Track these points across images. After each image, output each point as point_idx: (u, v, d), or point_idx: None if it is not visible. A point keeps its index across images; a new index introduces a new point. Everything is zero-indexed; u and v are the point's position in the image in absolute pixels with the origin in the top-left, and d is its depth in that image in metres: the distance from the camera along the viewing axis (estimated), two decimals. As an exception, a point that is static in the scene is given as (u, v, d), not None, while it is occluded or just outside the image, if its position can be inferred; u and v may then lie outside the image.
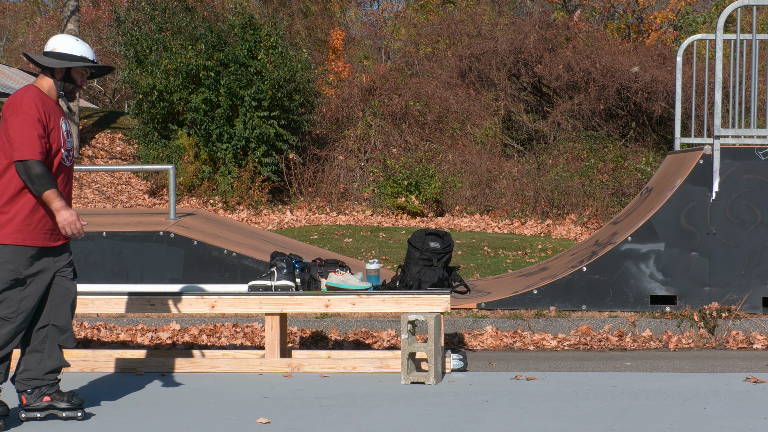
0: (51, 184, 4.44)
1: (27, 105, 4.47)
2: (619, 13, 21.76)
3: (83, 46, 4.73)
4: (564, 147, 16.30)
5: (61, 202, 4.46)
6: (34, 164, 4.42)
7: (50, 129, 4.53)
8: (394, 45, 22.53)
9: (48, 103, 4.59)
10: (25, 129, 4.43)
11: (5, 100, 15.16)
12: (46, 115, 4.52)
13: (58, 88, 4.66)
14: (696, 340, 7.23)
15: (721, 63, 7.62)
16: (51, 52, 4.69)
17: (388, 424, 4.52)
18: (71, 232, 4.48)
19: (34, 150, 4.42)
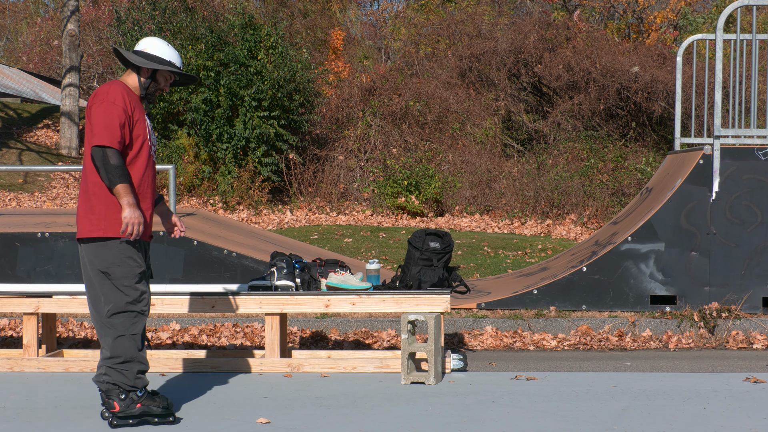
0: (126, 179, 4.41)
1: (113, 95, 4.49)
2: (619, 13, 21.75)
3: (173, 52, 4.77)
4: (564, 147, 16.30)
5: (133, 198, 4.42)
6: (113, 153, 4.41)
7: (136, 120, 4.54)
8: (394, 45, 22.52)
9: (133, 97, 4.61)
10: (107, 116, 4.43)
11: (6, 99, 15.08)
12: (131, 106, 4.54)
13: (142, 88, 4.69)
14: (696, 340, 7.23)
15: (721, 63, 7.62)
16: (141, 51, 4.72)
17: (388, 424, 4.52)
18: (132, 230, 4.42)
19: (113, 137, 4.41)
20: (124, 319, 4.47)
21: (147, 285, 4.58)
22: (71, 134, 17.44)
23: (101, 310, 4.50)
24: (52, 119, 19.30)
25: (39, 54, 32.60)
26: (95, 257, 4.50)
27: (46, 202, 14.78)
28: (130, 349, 4.48)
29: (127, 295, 4.48)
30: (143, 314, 4.53)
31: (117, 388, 4.48)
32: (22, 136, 18.02)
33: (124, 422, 4.47)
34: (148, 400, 4.50)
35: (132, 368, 4.48)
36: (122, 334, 4.46)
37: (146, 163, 4.59)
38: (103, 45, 25.98)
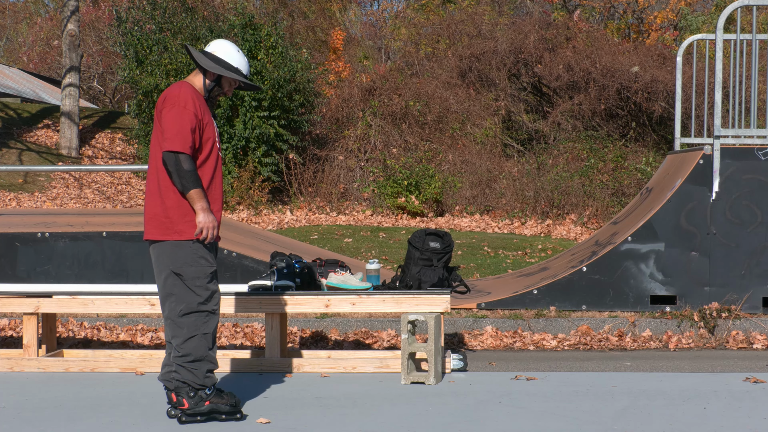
0: (198, 183, 4.46)
1: (184, 99, 4.51)
2: (619, 13, 21.76)
3: (242, 58, 4.79)
4: (564, 147, 16.30)
5: (206, 203, 4.48)
6: (186, 159, 4.45)
7: (205, 123, 4.58)
8: (394, 45, 22.52)
9: (201, 99, 4.63)
10: (179, 121, 4.46)
11: (6, 99, 15.06)
12: (201, 110, 4.57)
13: (205, 90, 4.72)
14: (696, 340, 7.23)
15: (721, 63, 7.62)
16: (210, 53, 4.74)
17: (388, 424, 4.52)
18: (207, 234, 4.49)
19: (185, 143, 4.45)
20: (195, 319, 4.53)
21: (217, 285, 4.63)
22: (71, 134, 17.44)
23: (173, 310, 4.55)
24: (52, 119, 19.30)
25: (39, 54, 32.60)
26: (167, 258, 4.55)
27: (46, 202, 14.78)
28: (200, 348, 4.53)
29: (198, 295, 4.53)
30: (214, 314, 4.58)
31: (187, 386, 4.54)
32: (22, 136, 18.02)
33: (192, 419, 4.54)
34: (217, 398, 4.57)
35: (202, 367, 4.53)
36: (194, 333, 4.52)
37: (215, 165, 4.64)
38: (103, 45, 25.98)
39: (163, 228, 4.52)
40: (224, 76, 4.72)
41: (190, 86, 4.61)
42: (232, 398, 4.60)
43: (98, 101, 29.72)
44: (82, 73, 21.86)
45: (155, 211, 4.54)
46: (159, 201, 4.53)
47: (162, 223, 4.52)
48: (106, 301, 6.01)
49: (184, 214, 4.50)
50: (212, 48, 4.75)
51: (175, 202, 4.50)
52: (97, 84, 28.37)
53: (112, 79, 26.45)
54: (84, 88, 27.40)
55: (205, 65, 4.67)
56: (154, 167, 4.57)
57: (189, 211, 4.51)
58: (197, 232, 4.48)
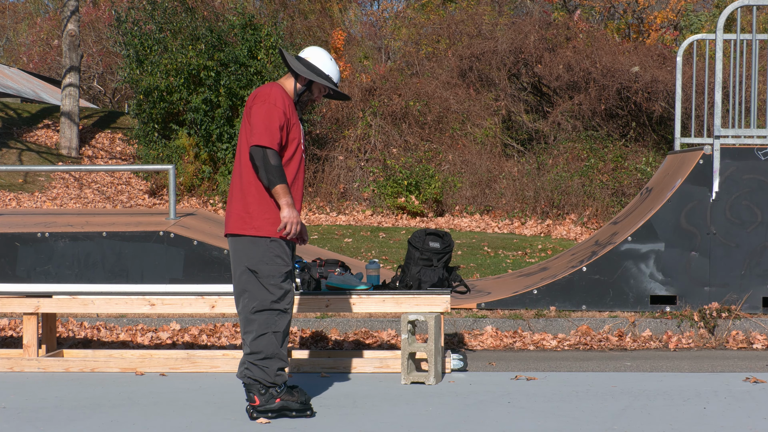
0: (284, 179, 4.51)
1: (273, 96, 4.59)
2: (619, 13, 21.76)
3: (334, 67, 4.84)
4: (564, 147, 16.30)
5: (290, 199, 4.52)
6: (272, 154, 4.50)
7: (292, 124, 4.64)
8: (394, 45, 22.52)
9: (290, 100, 4.70)
10: (268, 117, 4.53)
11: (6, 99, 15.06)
12: (289, 110, 4.64)
13: (296, 94, 4.79)
14: (696, 340, 7.23)
15: (721, 63, 7.62)
16: (303, 59, 4.80)
17: (388, 424, 4.52)
18: (290, 229, 4.53)
19: (273, 139, 4.51)
20: (267, 317, 4.58)
21: (291, 284, 4.67)
22: (71, 134, 17.44)
23: (246, 306, 4.61)
24: (52, 119, 19.30)
25: (39, 54, 32.61)
26: (244, 254, 4.60)
27: (46, 202, 14.78)
28: (271, 346, 4.58)
29: (272, 293, 4.59)
30: (286, 312, 4.63)
31: (258, 384, 4.60)
32: (22, 136, 18.02)
33: (263, 415, 4.60)
34: (287, 395, 4.62)
35: (273, 365, 4.59)
36: (264, 331, 4.58)
37: (298, 165, 4.70)
38: (103, 45, 25.98)
39: (242, 222, 4.59)
40: (315, 82, 4.78)
41: (280, 87, 4.70)
42: (302, 396, 4.67)
43: (98, 101, 29.72)
44: (82, 73, 21.86)
45: (236, 206, 4.63)
46: (240, 196, 4.61)
47: (241, 217, 4.59)
48: (106, 301, 6.01)
49: (264, 211, 4.57)
50: (306, 54, 4.83)
51: (256, 198, 4.57)
52: (97, 84, 28.37)
53: (112, 79, 26.45)
54: (84, 88, 27.40)
55: (298, 69, 4.75)
56: (239, 163, 4.65)
57: (269, 209, 4.57)
58: (281, 227, 4.51)
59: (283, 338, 4.63)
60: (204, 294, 5.98)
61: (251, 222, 4.57)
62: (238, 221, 4.60)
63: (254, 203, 4.57)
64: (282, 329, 4.61)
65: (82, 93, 26.93)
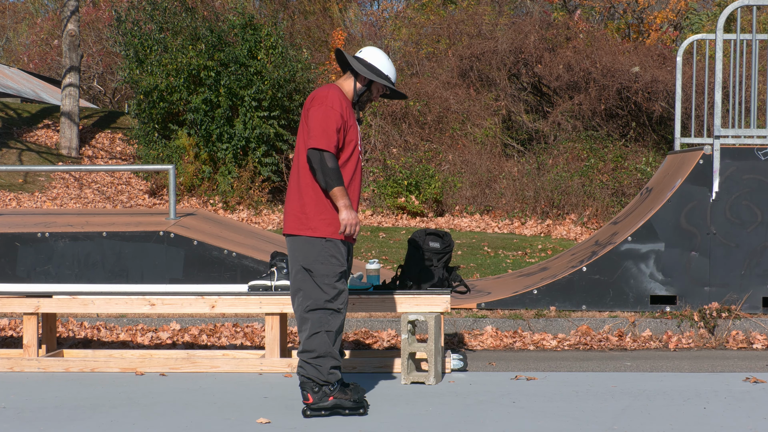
0: (341, 181, 4.57)
1: (332, 99, 4.64)
2: (619, 13, 21.76)
3: (391, 67, 4.90)
4: (564, 147, 16.30)
5: (348, 201, 4.58)
6: (330, 157, 4.56)
7: (349, 126, 4.70)
8: (394, 45, 22.52)
9: (347, 102, 4.74)
10: (325, 120, 4.58)
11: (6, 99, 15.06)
12: (347, 112, 4.68)
13: (356, 94, 4.83)
14: (696, 340, 7.23)
15: (721, 63, 7.62)
16: (361, 59, 4.84)
17: (388, 424, 4.52)
18: (350, 231, 4.60)
19: (330, 142, 4.56)
20: (320, 316, 4.64)
21: (346, 284, 4.72)
22: (71, 134, 17.44)
23: (301, 305, 4.68)
24: (52, 119, 19.30)
25: (39, 54, 32.61)
26: (300, 253, 4.67)
27: (46, 202, 14.78)
28: (324, 345, 4.63)
29: (326, 293, 4.64)
30: (339, 312, 4.68)
31: (311, 382, 4.65)
32: (22, 136, 18.02)
33: (317, 413, 4.66)
34: (340, 393, 4.67)
35: (326, 363, 4.64)
36: (318, 330, 4.63)
37: (355, 167, 4.74)
38: (103, 45, 25.98)
39: (299, 223, 4.65)
40: (375, 81, 4.83)
41: (338, 89, 4.75)
42: (355, 394, 4.71)
43: (98, 101, 29.72)
44: (82, 73, 21.86)
45: (293, 207, 4.69)
46: (297, 197, 4.67)
47: (298, 218, 4.66)
48: (106, 301, 6.01)
49: (320, 212, 4.62)
50: (364, 54, 4.87)
51: (313, 199, 4.63)
52: (97, 84, 28.37)
53: (112, 79, 26.45)
54: (84, 88, 27.40)
55: (359, 70, 4.80)
56: (297, 164, 4.70)
57: (325, 209, 4.62)
58: (341, 230, 4.56)
59: (336, 337, 4.67)
60: (204, 294, 5.98)
61: (308, 222, 4.64)
62: (295, 221, 4.67)
63: (311, 204, 4.64)
64: (335, 328, 4.66)
65: (82, 93, 26.92)
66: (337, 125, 4.58)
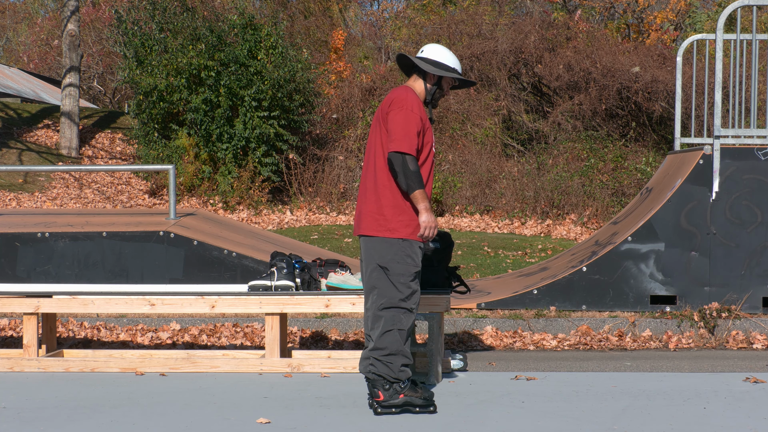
0: (422, 184, 4.64)
1: (411, 102, 4.70)
2: (619, 13, 21.76)
3: (455, 58, 4.94)
4: (564, 147, 16.30)
5: (428, 203, 4.66)
6: (411, 160, 4.61)
7: (426, 127, 4.75)
8: (394, 45, 22.52)
9: (422, 105, 4.80)
10: (406, 123, 4.63)
11: (6, 99, 15.07)
12: (424, 114, 4.74)
13: (428, 93, 4.88)
14: (696, 340, 7.23)
15: (721, 63, 7.62)
16: (426, 58, 4.88)
17: (388, 424, 4.52)
18: (428, 234, 4.67)
19: (411, 145, 4.62)
20: (393, 314, 4.70)
21: (419, 285, 4.77)
22: (71, 134, 17.44)
23: (375, 303, 4.74)
24: (52, 119, 19.30)
25: (39, 54, 32.61)
26: (376, 252, 4.72)
27: (46, 202, 14.78)
28: (396, 343, 4.69)
29: (400, 291, 4.70)
30: (412, 312, 4.74)
31: (382, 379, 4.70)
32: (22, 136, 18.02)
33: (387, 411, 4.69)
34: (411, 391, 4.71)
35: (397, 361, 4.68)
36: (390, 328, 4.69)
37: (431, 168, 4.80)
38: (103, 45, 25.98)
39: (377, 224, 4.71)
40: (444, 77, 4.88)
41: (413, 91, 4.80)
42: (426, 392, 4.74)
43: (98, 101, 29.72)
44: (82, 73, 21.86)
45: (370, 208, 4.74)
46: (374, 198, 4.72)
47: (376, 219, 4.71)
48: (106, 301, 6.01)
49: (398, 213, 4.68)
50: (427, 53, 4.90)
51: (390, 201, 4.69)
52: (97, 84, 28.37)
53: (112, 79, 26.45)
54: (84, 88, 27.40)
55: (428, 69, 4.83)
56: (373, 167, 4.75)
57: (403, 211, 4.69)
58: (421, 232, 4.66)
59: (407, 336, 4.73)
60: (204, 294, 5.98)
61: (386, 224, 4.69)
62: (372, 223, 4.72)
63: (389, 206, 4.69)
64: (407, 327, 4.72)
65: (82, 93, 26.92)
66: (417, 128, 4.65)
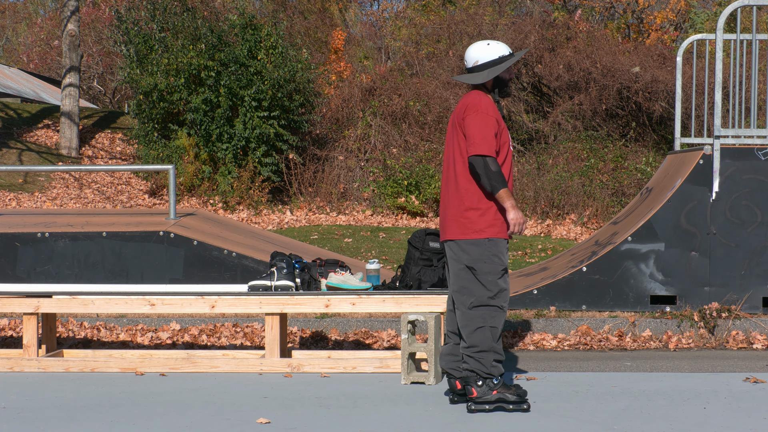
0: (505, 183, 4.76)
1: (485, 105, 4.81)
2: (619, 13, 21.76)
3: (496, 45, 4.94)
4: (564, 147, 16.30)
5: (514, 200, 4.78)
6: (492, 161, 4.73)
7: (502, 128, 4.86)
8: (394, 45, 22.52)
9: (496, 106, 4.88)
10: (484, 127, 4.75)
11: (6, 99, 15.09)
12: (499, 116, 4.85)
13: (493, 96, 4.96)
14: (696, 340, 7.23)
15: (721, 63, 7.62)
16: (475, 67, 4.95)
17: (388, 424, 4.52)
18: (518, 230, 4.81)
19: (490, 147, 4.74)
20: (484, 312, 4.79)
21: (507, 282, 4.86)
22: (71, 134, 17.44)
23: (464, 302, 4.83)
24: (52, 119, 19.30)
25: (39, 54, 32.61)
26: (463, 254, 4.83)
27: (46, 202, 14.78)
28: (487, 340, 4.78)
29: (489, 290, 4.80)
30: (502, 309, 4.83)
31: (474, 375, 4.79)
32: (22, 136, 18.03)
33: (481, 407, 4.76)
34: (504, 388, 4.79)
35: (488, 357, 4.77)
36: (481, 325, 4.78)
37: (510, 166, 4.89)
38: (103, 45, 25.98)
39: (462, 228, 4.82)
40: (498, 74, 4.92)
41: (485, 94, 4.87)
42: (518, 389, 4.80)
43: (98, 101, 29.72)
44: (82, 73, 21.86)
45: (453, 213, 4.87)
46: (458, 203, 4.85)
47: (461, 223, 4.83)
48: (106, 301, 6.01)
49: (481, 215, 4.81)
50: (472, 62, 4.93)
51: (474, 204, 4.81)
52: (97, 84, 28.37)
53: (112, 79, 26.45)
54: (84, 88, 27.41)
55: (484, 80, 4.90)
56: (453, 171, 4.86)
57: (486, 212, 4.80)
58: (510, 230, 4.80)
59: (498, 334, 4.80)
60: (204, 294, 5.98)
61: (471, 226, 4.81)
62: (458, 227, 4.84)
63: (472, 208, 4.81)
64: (498, 325, 4.80)
65: (82, 93, 26.93)
66: (494, 130, 4.76)
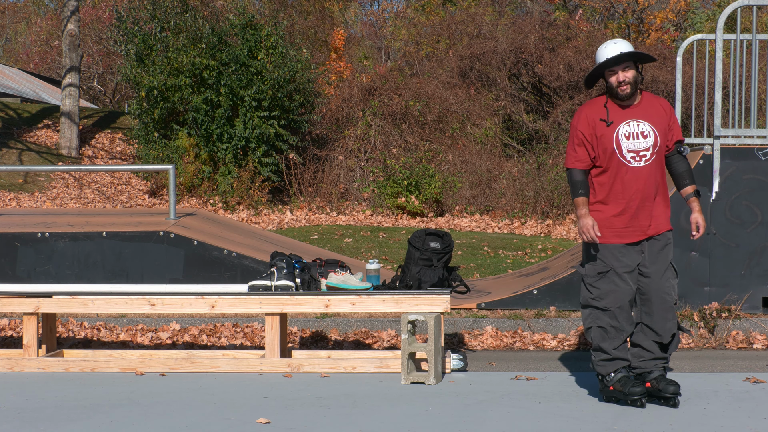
0: (578, 193, 5.00)
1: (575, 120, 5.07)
2: (619, 13, 21.77)
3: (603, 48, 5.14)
4: (564, 147, 16.30)
5: (585, 210, 4.96)
6: (573, 172, 5.03)
7: (590, 138, 5.01)
8: (394, 45, 22.52)
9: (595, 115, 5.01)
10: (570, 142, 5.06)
11: (6, 99, 15.12)
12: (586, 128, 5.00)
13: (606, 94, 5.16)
14: (696, 340, 7.23)
15: (721, 63, 7.62)
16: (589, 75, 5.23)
17: (388, 424, 4.52)
18: (586, 238, 4.95)
19: (570, 160, 5.03)
20: (588, 312, 5.03)
21: (611, 284, 4.96)
22: (71, 134, 17.44)
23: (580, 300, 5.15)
24: (52, 119, 19.30)
25: (39, 54, 32.62)
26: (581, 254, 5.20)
27: (46, 202, 14.78)
28: (595, 339, 5.01)
29: (590, 291, 5.02)
30: (607, 309, 4.95)
31: (595, 372, 5.08)
32: (22, 136, 18.03)
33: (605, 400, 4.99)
34: (619, 385, 4.93)
35: (596, 356, 5.02)
36: (589, 325, 5.02)
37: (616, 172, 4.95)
38: (103, 45, 25.99)
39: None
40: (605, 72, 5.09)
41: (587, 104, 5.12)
42: (637, 386, 4.90)
43: (98, 101, 29.73)
44: (82, 73, 21.86)
45: None
46: None
47: None
48: (106, 301, 6.01)
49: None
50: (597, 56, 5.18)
51: None
52: (97, 84, 28.37)
53: (112, 79, 26.46)
54: (84, 88, 27.41)
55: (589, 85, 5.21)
56: None
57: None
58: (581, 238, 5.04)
59: (607, 333, 4.94)
60: (204, 294, 5.98)
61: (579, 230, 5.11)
62: None
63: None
64: (605, 324, 4.95)
65: (82, 93, 26.92)
66: (576, 142, 5.00)
